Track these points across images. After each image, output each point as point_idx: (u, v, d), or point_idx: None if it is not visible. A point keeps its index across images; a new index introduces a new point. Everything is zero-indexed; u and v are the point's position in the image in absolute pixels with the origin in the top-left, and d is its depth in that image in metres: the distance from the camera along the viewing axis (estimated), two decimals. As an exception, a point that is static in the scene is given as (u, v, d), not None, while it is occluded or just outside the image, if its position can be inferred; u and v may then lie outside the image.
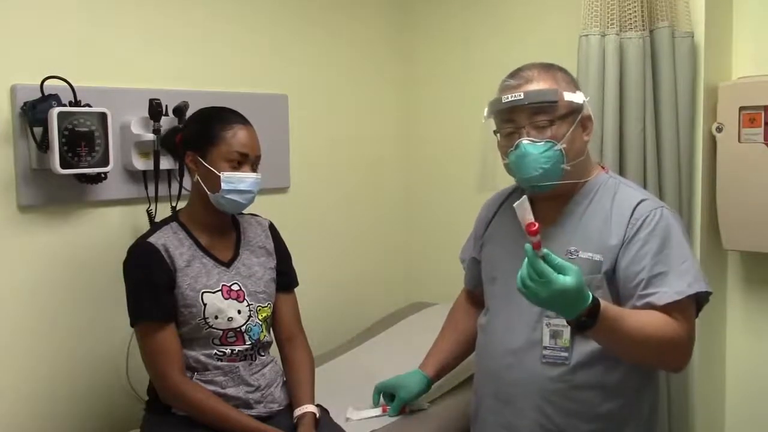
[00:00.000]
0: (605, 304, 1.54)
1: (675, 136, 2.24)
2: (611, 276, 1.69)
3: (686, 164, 2.28)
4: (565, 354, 1.69)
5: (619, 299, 1.69)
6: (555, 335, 1.70)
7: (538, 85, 1.69)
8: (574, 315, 1.49)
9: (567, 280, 1.44)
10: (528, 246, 1.44)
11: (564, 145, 1.67)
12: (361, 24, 2.88)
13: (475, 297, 2.07)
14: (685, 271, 1.64)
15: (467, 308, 2.10)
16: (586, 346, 1.69)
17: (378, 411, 2.04)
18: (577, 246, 1.71)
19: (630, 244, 1.66)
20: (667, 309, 1.61)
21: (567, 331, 1.69)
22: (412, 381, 2.04)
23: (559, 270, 1.45)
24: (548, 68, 1.74)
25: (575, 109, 1.70)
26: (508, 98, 1.68)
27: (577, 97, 1.70)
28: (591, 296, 1.50)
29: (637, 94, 2.20)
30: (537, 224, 1.44)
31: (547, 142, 1.67)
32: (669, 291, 1.62)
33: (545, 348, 1.71)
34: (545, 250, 1.45)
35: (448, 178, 2.93)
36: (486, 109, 1.76)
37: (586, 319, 1.50)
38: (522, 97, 1.67)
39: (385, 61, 2.98)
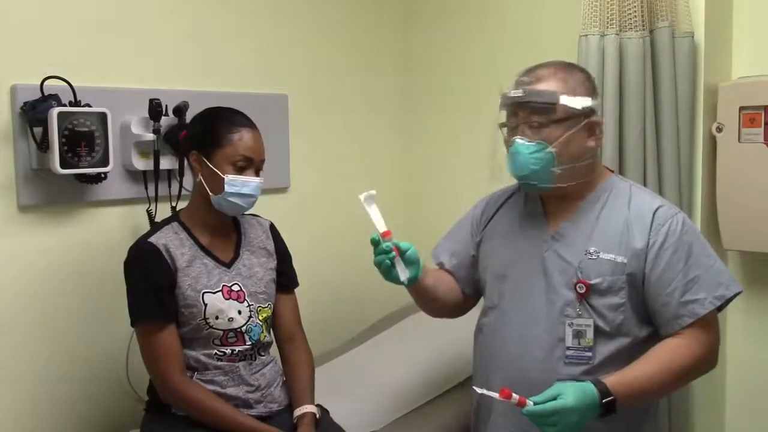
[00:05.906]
0: (609, 378, 1.58)
1: (675, 136, 2.24)
2: (637, 280, 1.69)
3: (686, 164, 2.27)
4: (589, 354, 1.68)
5: (642, 303, 1.70)
6: (578, 335, 1.69)
7: (544, 85, 1.69)
8: (597, 406, 1.54)
9: (565, 400, 1.50)
10: (523, 411, 1.52)
11: (555, 149, 1.68)
12: (362, 24, 2.88)
13: (465, 298, 1.99)
14: (716, 272, 1.69)
15: (454, 284, 1.98)
16: (610, 345, 1.69)
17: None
18: (597, 247, 1.71)
19: (661, 251, 1.67)
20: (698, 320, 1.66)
21: (590, 331, 1.68)
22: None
23: (550, 401, 1.52)
24: (565, 69, 1.74)
25: (575, 114, 1.69)
26: (510, 93, 1.71)
27: (575, 103, 1.69)
28: (591, 384, 1.55)
29: (637, 94, 2.19)
30: (508, 389, 1.50)
31: (538, 143, 1.68)
32: (708, 296, 1.66)
33: (568, 348, 1.69)
34: (528, 402, 1.51)
35: (449, 178, 2.93)
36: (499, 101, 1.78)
37: (607, 401, 1.54)
38: (521, 94, 1.69)
39: (385, 60, 2.98)
